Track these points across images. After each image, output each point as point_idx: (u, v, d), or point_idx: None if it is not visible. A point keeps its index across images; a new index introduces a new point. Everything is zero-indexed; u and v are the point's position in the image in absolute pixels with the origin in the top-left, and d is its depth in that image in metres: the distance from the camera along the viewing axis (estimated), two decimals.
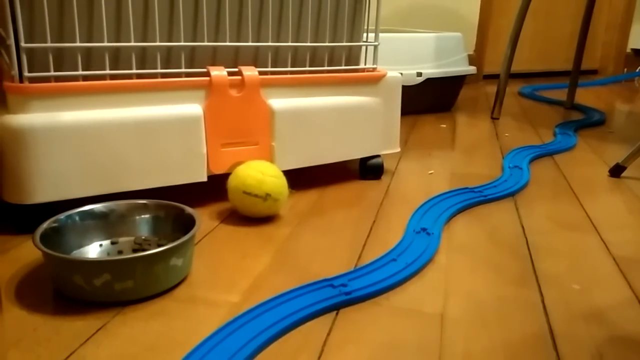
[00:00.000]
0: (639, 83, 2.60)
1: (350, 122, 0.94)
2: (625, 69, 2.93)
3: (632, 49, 2.94)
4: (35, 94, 0.70)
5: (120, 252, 0.66)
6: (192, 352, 0.49)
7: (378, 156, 1.02)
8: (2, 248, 0.69)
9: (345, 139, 0.95)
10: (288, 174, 0.82)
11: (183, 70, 0.81)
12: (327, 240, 0.75)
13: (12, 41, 0.68)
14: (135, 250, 0.66)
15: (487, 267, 0.69)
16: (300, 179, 0.98)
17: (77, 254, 0.65)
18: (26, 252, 0.68)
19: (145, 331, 0.53)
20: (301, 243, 0.74)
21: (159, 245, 0.59)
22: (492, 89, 2.22)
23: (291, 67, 0.90)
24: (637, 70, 2.93)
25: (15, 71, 0.69)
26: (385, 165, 1.06)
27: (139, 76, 0.78)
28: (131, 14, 0.75)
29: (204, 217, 0.81)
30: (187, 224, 0.65)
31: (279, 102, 0.86)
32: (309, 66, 0.92)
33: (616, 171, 1.10)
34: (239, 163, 0.82)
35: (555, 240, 0.78)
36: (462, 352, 0.52)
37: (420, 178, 1.04)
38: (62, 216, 0.65)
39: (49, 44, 0.71)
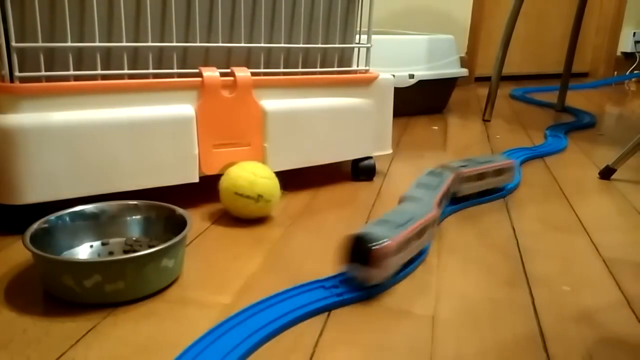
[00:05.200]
0: (629, 86, 2.62)
1: (342, 123, 0.94)
2: (616, 72, 2.95)
3: (622, 52, 2.96)
4: (26, 94, 0.69)
5: (111, 253, 0.66)
6: (184, 353, 0.49)
7: (370, 157, 1.02)
8: None
9: (337, 141, 0.95)
10: (280, 175, 0.82)
11: (175, 70, 0.80)
12: (319, 242, 0.75)
13: (2, 41, 0.68)
14: (126, 252, 0.66)
15: (478, 268, 0.69)
16: (293, 180, 0.98)
17: (67, 255, 0.65)
18: (16, 252, 0.68)
19: (136, 333, 0.53)
20: (293, 244, 0.74)
21: (150, 247, 0.59)
22: (483, 91, 2.23)
23: (284, 68, 0.90)
24: (627, 73, 2.95)
25: (6, 71, 0.69)
26: (378, 167, 1.06)
27: (131, 76, 0.77)
28: (123, 13, 0.75)
29: (196, 218, 0.81)
30: (178, 225, 0.65)
31: (271, 103, 0.86)
32: (302, 67, 0.92)
33: (606, 173, 1.10)
34: (231, 164, 0.82)
35: (545, 242, 0.78)
36: (453, 353, 0.52)
37: (412, 179, 1.04)
38: (52, 217, 0.64)
39: (40, 44, 0.70)
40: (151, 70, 0.79)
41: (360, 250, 0.59)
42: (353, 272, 0.61)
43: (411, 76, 1.59)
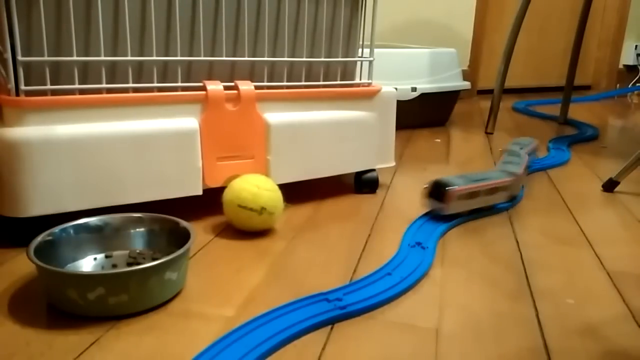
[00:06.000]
0: (631, 99, 2.63)
1: (345, 136, 0.95)
2: (618, 85, 2.96)
3: (624, 65, 2.97)
4: (32, 107, 0.70)
5: (114, 266, 0.66)
6: None
7: (373, 170, 1.02)
8: None
9: (340, 153, 0.95)
10: (283, 187, 0.82)
11: (179, 84, 0.81)
12: (322, 254, 0.75)
13: (9, 55, 0.68)
14: (129, 264, 0.66)
15: (482, 281, 0.69)
16: (296, 192, 0.98)
17: (71, 267, 0.65)
18: (20, 265, 0.68)
19: (139, 346, 0.53)
20: (296, 257, 0.74)
21: (154, 259, 0.59)
22: (486, 104, 2.23)
23: (287, 81, 0.91)
24: (630, 85, 2.96)
25: (12, 84, 0.69)
26: (380, 180, 1.06)
27: (136, 90, 0.78)
28: (128, 28, 0.76)
29: (199, 231, 0.81)
30: (181, 237, 0.65)
31: (275, 116, 0.87)
32: (305, 81, 0.92)
33: (609, 186, 1.10)
34: (234, 177, 0.82)
35: (549, 255, 0.78)
36: None
37: (415, 192, 1.04)
38: (56, 229, 0.65)
39: (46, 58, 0.71)
40: (156, 84, 0.79)
41: (438, 191, 0.86)
42: (432, 206, 0.88)
43: (414, 89, 1.59)
